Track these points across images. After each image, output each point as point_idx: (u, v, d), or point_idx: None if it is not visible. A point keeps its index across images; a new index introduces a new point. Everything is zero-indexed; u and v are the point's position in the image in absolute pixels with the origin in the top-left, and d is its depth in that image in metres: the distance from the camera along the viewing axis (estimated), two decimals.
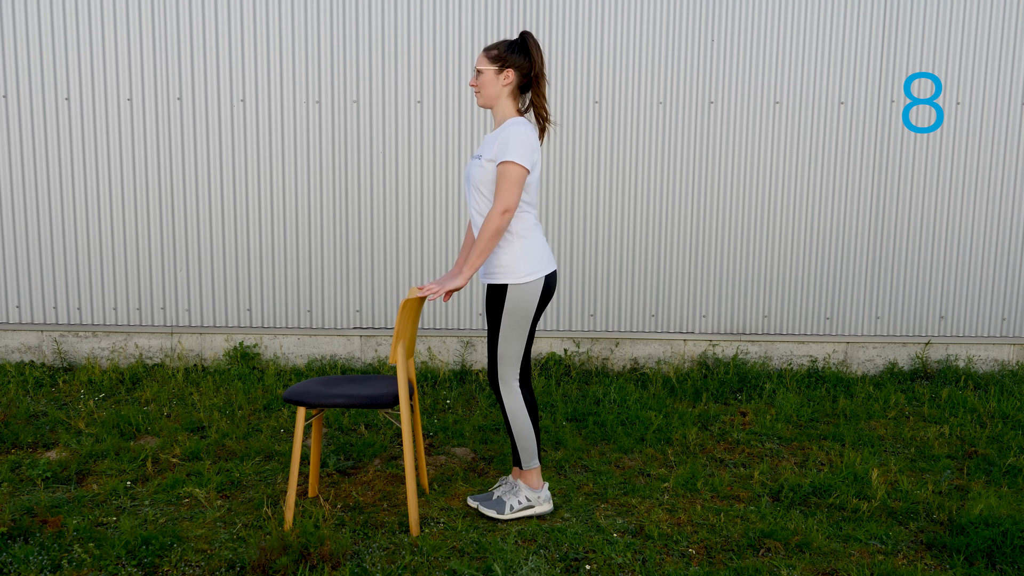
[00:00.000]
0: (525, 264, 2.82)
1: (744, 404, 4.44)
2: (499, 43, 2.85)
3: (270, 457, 3.54)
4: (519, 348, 2.90)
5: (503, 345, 2.89)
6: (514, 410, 2.94)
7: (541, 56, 2.85)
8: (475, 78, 2.88)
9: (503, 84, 2.84)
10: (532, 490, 3.00)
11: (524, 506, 3.00)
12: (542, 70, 2.85)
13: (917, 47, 4.84)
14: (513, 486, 3.04)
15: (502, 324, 2.86)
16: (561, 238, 4.97)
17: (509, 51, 2.82)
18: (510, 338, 2.88)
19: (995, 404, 4.38)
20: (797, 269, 5.05)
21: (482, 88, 2.86)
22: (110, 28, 4.65)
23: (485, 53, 2.85)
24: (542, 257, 2.87)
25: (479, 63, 2.86)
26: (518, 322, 2.86)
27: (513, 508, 2.99)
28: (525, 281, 2.82)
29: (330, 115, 4.79)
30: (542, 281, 2.85)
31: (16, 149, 4.75)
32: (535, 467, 3.01)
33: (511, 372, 2.92)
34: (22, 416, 3.93)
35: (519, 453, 2.99)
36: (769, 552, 2.77)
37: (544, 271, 2.86)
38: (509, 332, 2.87)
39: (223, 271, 4.91)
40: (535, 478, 3.01)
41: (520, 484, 3.01)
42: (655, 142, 4.89)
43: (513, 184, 2.72)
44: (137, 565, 2.59)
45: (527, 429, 2.96)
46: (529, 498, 3.00)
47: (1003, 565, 2.67)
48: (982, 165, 4.97)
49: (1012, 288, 5.11)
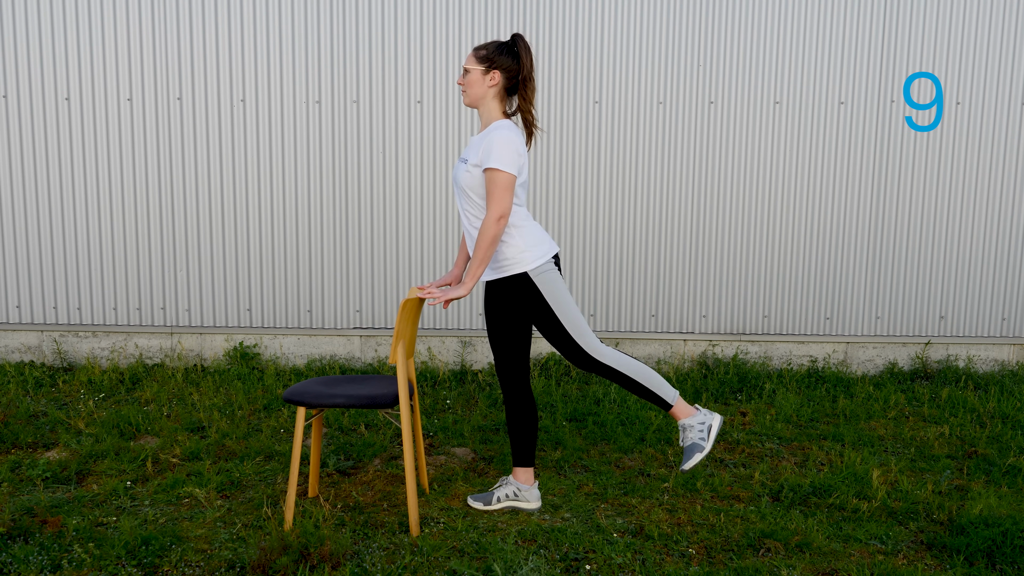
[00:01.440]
0: (531, 250, 2.83)
1: (744, 404, 4.43)
2: (489, 43, 2.84)
3: (270, 457, 3.54)
4: (580, 318, 2.88)
5: (570, 326, 2.86)
6: (621, 362, 2.89)
7: (531, 60, 2.81)
8: (462, 76, 2.87)
9: (489, 85, 2.81)
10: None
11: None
12: (531, 74, 2.81)
13: (917, 47, 4.83)
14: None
15: (556, 311, 2.84)
16: (561, 238, 4.97)
17: (498, 52, 2.80)
18: (569, 315, 2.86)
19: (995, 404, 4.38)
20: (797, 269, 5.05)
21: (468, 87, 2.85)
22: (110, 28, 4.65)
23: (474, 52, 2.84)
24: (543, 239, 2.89)
25: (467, 62, 2.85)
26: (563, 299, 2.85)
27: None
28: (539, 263, 2.83)
29: (330, 115, 4.79)
30: (552, 261, 2.88)
31: (16, 149, 4.75)
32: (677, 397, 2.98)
33: (592, 342, 2.89)
34: (22, 416, 3.93)
35: (656, 394, 2.94)
36: (769, 552, 2.77)
37: (549, 252, 2.88)
38: (565, 310, 2.85)
39: (223, 271, 4.91)
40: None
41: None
42: (655, 142, 4.89)
43: (504, 190, 2.72)
44: (137, 565, 2.59)
45: (642, 369, 2.90)
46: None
47: (1003, 565, 2.67)
48: (982, 165, 4.97)
49: (1012, 288, 5.11)
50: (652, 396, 2.94)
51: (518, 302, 2.86)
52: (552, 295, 2.84)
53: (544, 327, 2.89)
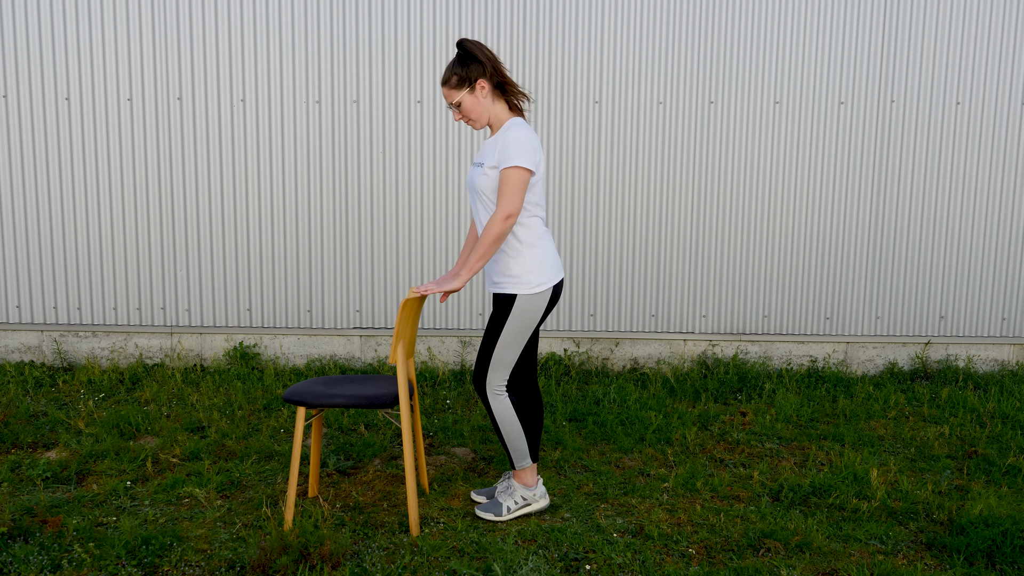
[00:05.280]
0: (536, 275, 2.79)
1: (744, 404, 4.44)
2: (449, 69, 2.78)
3: (270, 457, 3.54)
4: (515, 356, 2.88)
5: (501, 351, 2.86)
6: (501, 413, 2.91)
7: (488, 50, 2.79)
8: (456, 113, 2.82)
9: (482, 97, 2.79)
10: (527, 488, 3.01)
11: (520, 506, 3.00)
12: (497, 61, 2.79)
13: (917, 47, 4.83)
14: (508, 487, 3.05)
15: (504, 331, 2.84)
16: (561, 238, 4.97)
17: (463, 67, 2.76)
18: (510, 345, 2.86)
19: (995, 404, 4.38)
20: (797, 269, 5.05)
21: (469, 114, 2.80)
22: (110, 28, 4.65)
23: (447, 86, 2.79)
24: (552, 266, 2.84)
25: (449, 97, 2.80)
26: (520, 331, 2.84)
27: (510, 509, 2.99)
28: (535, 292, 2.79)
29: (330, 115, 4.79)
30: (550, 291, 2.83)
31: (16, 149, 4.75)
32: (527, 466, 3.00)
33: (500, 378, 2.89)
34: (22, 416, 3.93)
35: (511, 454, 2.99)
36: (769, 552, 2.77)
37: (553, 281, 2.83)
38: (510, 340, 2.85)
39: (223, 271, 4.91)
40: (529, 476, 3.02)
41: (515, 484, 3.02)
42: (655, 142, 4.89)
43: (516, 189, 2.69)
44: (137, 565, 2.59)
45: (515, 431, 2.93)
46: (525, 497, 3.01)
47: (1003, 565, 2.67)
48: (982, 165, 4.97)
49: (1012, 288, 5.11)
50: (507, 452, 2.99)
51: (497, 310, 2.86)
52: (516, 321, 2.81)
53: (488, 332, 2.88)
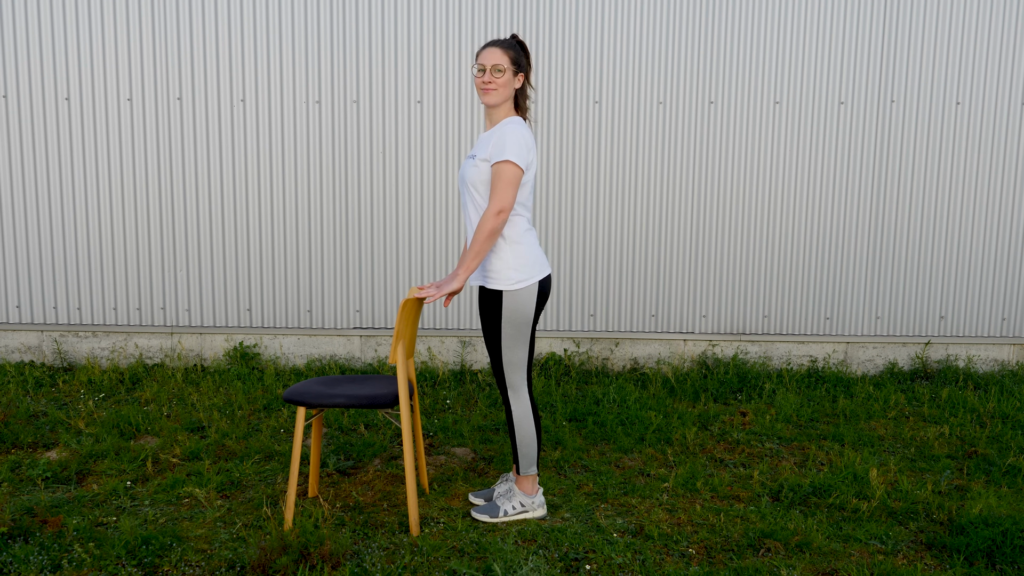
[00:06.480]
0: (517, 271, 2.79)
1: (744, 404, 4.44)
2: (511, 43, 2.80)
3: (270, 457, 3.54)
4: (524, 354, 2.89)
5: (508, 353, 2.86)
6: (521, 417, 2.92)
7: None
8: (493, 75, 2.75)
9: (515, 85, 2.82)
10: (527, 496, 3.00)
11: (517, 512, 3.00)
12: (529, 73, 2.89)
13: (917, 47, 4.83)
14: (509, 490, 3.04)
15: (503, 332, 2.84)
16: (561, 238, 4.97)
17: (522, 55, 2.82)
18: (514, 345, 2.86)
19: (995, 404, 4.38)
20: (797, 269, 5.05)
21: (501, 87, 2.76)
22: (110, 28, 4.65)
23: (504, 52, 2.75)
24: (535, 262, 2.83)
25: (499, 59, 2.74)
26: (519, 328, 2.84)
27: (507, 513, 2.99)
28: (518, 288, 2.79)
29: (330, 115, 4.79)
30: (536, 287, 2.82)
31: (16, 149, 4.75)
32: (532, 474, 3.00)
33: (519, 378, 2.90)
34: (22, 416, 3.93)
35: (519, 459, 2.98)
36: (769, 552, 2.77)
37: (537, 276, 2.82)
38: (511, 339, 2.85)
39: (223, 271, 4.91)
40: (530, 484, 3.01)
41: (515, 489, 3.01)
42: (655, 142, 4.89)
43: (509, 184, 2.69)
44: (137, 565, 2.59)
45: (531, 437, 2.94)
46: (523, 503, 3.00)
47: (1003, 565, 2.67)
48: (982, 165, 4.97)
49: (1012, 288, 5.11)
50: (515, 456, 2.99)
51: (487, 311, 2.86)
52: (511, 320, 2.82)
53: (488, 338, 2.89)
